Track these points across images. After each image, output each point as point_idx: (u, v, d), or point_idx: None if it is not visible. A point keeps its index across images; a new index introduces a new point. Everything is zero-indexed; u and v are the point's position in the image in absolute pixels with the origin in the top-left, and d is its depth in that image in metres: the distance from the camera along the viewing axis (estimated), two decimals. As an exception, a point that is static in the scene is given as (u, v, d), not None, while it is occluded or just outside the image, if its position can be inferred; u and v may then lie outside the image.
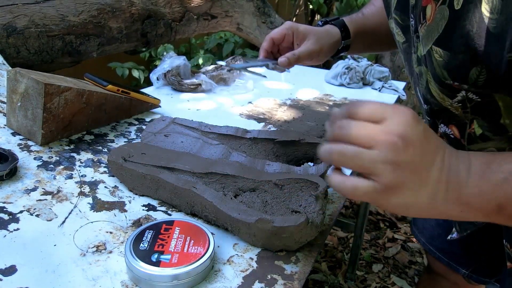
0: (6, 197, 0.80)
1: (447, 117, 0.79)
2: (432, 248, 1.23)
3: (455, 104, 0.74)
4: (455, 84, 0.69)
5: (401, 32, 0.86)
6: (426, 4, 0.70)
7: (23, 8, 1.27)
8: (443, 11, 0.66)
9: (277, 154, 0.92)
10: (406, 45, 0.85)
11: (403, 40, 0.86)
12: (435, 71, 0.71)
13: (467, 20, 0.62)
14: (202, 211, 0.78)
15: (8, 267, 0.65)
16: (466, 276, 1.17)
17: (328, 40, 1.04)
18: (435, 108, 0.80)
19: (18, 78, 0.94)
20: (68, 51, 1.38)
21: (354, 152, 0.51)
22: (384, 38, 1.12)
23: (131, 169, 0.85)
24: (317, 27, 1.07)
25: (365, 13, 1.11)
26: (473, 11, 0.61)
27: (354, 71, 1.75)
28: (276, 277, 0.68)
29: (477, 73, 0.64)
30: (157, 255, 0.64)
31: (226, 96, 1.50)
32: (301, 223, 0.69)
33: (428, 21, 0.70)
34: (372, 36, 1.12)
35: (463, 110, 0.74)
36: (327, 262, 2.24)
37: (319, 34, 1.03)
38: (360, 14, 1.11)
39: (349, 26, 1.07)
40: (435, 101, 0.78)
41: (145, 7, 1.58)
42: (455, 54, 0.66)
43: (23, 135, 0.99)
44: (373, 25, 1.10)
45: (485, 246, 1.12)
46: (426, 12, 0.70)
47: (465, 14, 0.63)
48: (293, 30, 1.02)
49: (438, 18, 0.67)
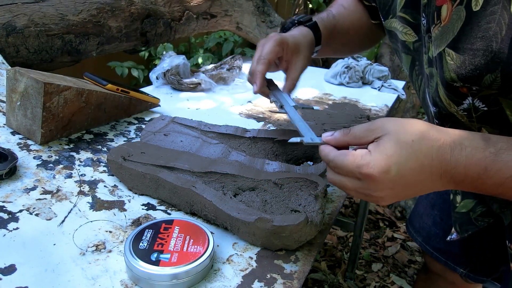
0: (6, 196, 0.80)
1: (455, 122, 0.77)
2: (429, 247, 1.23)
3: (461, 112, 0.72)
4: (463, 88, 0.67)
5: (412, 32, 0.82)
6: (442, 3, 0.67)
7: (22, 7, 1.27)
8: (459, 12, 0.64)
9: (276, 153, 0.92)
10: (418, 44, 0.82)
11: (414, 39, 0.82)
12: (444, 75, 0.68)
13: (492, 22, 0.60)
14: (202, 210, 0.78)
15: (7, 266, 0.65)
16: (464, 275, 1.16)
17: (308, 51, 0.97)
18: (443, 112, 0.78)
19: (18, 77, 0.94)
20: (68, 50, 1.38)
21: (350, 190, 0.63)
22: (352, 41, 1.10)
23: (131, 168, 0.85)
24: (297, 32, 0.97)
25: (335, 14, 1.05)
26: (501, 12, 0.59)
27: (354, 70, 1.75)
28: (276, 276, 0.68)
29: (491, 80, 0.63)
30: (156, 254, 0.64)
31: (226, 95, 1.50)
32: (300, 222, 0.69)
33: (444, 22, 0.67)
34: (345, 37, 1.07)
35: (469, 119, 0.72)
36: (326, 261, 2.24)
37: (304, 46, 0.95)
38: (331, 16, 1.04)
39: (322, 31, 1.00)
40: (443, 105, 0.76)
41: (144, 6, 1.58)
42: (471, 57, 0.63)
43: (22, 134, 0.99)
44: (343, 28, 1.05)
45: (484, 246, 1.11)
46: (442, 12, 0.67)
47: (488, 15, 0.61)
48: (284, 46, 0.91)
49: (454, 19, 0.65)
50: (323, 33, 1.00)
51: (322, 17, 1.03)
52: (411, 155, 0.58)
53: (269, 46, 0.89)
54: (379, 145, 0.59)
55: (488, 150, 0.58)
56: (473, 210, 0.95)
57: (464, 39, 0.64)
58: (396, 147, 0.58)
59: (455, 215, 0.99)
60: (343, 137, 0.64)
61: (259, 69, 0.88)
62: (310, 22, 0.99)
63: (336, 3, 1.10)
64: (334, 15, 1.04)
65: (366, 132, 0.62)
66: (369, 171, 0.57)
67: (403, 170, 0.58)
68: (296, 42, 0.93)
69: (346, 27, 1.05)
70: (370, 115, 1.39)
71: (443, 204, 1.16)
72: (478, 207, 0.94)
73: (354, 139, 0.63)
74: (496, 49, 0.60)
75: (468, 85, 0.66)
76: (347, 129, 0.65)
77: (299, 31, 0.97)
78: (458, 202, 0.96)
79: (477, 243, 1.11)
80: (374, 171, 0.57)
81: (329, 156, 0.63)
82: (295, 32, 0.97)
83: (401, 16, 0.83)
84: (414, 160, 0.58)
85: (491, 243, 1.08)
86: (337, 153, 0.63)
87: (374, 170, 0.57)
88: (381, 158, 0.57)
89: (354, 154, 0.60)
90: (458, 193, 0.97)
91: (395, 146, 0.58)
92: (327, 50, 1.05)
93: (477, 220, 0.95)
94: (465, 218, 0.97)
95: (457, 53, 0.65)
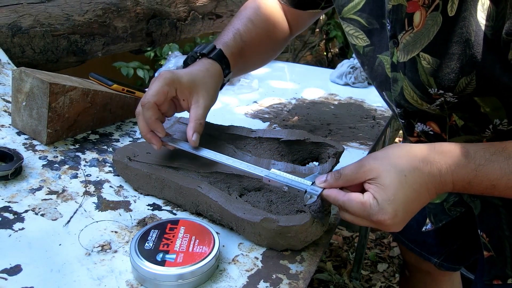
0: (11, 196, 0.81)
1: (423, 116, 0.81)
2: (404, 239, 1.26)
3: (433, 107, 0.75)
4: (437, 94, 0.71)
5: (364, 36, 0.84)
6: (413, 10, 0.69)
7: (28, 7, 1.28)
8: (435, 18, 0.66)
9: (282, 154, 0.92)
10: (369, 49, 0.84)
11: (365, 43, 0.84)
12: (420, 78, 0.71)
13: (464, 28, 0.64)
14: (207, 210, 0.78)
15: (13, 267, 0.65)
16: (438, 265, 1.20)
17: (215, 82, 0.88)
18: (409, 110, 0.81)
19: (23, 77, 0.94)
20: (73, 51, 1.38)
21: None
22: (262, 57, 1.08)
23: (136, 169, 0.85)
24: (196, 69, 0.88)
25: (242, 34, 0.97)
26: (469, 19, 0.63)
27: (359, 70, 1.74)
28: (281, 276, 0.68)
29: (466, 82, 0.66)
30: (162, 255, 0.64)
31: (231, 95, 1.50)
32: (306, 223, 0.69)
33: (417, 28, 0.69)
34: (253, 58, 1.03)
35: (441, 111, 0.76)
36: (332, 261, 2.23)
37: (204, 82, 0.85)
38: (238, 37, 0.96)
39: (229, 57, 0.92)
40: (410, 105, 0.79)
41: (150, 6, 1.58)
42: (447, 61, 0.67)
43: (28, 135, 0.99)
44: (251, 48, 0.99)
45: (457, 236, 1.15)
46: (414, 19, 0.69)
47: (461, 21, 0.64)
48: (175, 86, 0.81)
49: (429, 24, 0.67)
50: (231, 59, 0.93)
51: (227, 42, 0.95)
52: (409, 189, 0.63)
53: (156, 87, 0.79)
54: (379, 190, 0.63)
55: (469, 167, 0.64)
56: (446, 200, 1.01)
57: (440, 43, 0.67)
58: (395, 188, 0.63)
59: (429, 205, 1.05)
60: (336, 182, 0.68)
61: (146, 116, 0.79)
62: (214, 51, 0.91)
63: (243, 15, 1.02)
64: (241, 35, 0.97)
65: (356, 175, 0.67)
66: (380, 218, 0.63)
67: (407, 205, 0.64)
68: (192, 78, 0.84)
69: (256, 45, 1.00)
70: (376, 115, 1.39)
71: None
72: (451, 197, 1.00)
73: (347, 182, 0.68)
74: (470, 54, 0.64)
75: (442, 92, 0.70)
76: (337, 172, 0.69)
77: (200, 65, 0.89)
78: None
79: (451, 233, 1.15)
80: (385, 217, 0.63)
81: (338, 202, 0.67)
82: (195, 67, 0.89)
83: (354, 19, 0.84)
84: (413, 192, 0.64)
85: (464, 232, 1.12)
86: (345, 198, 0.66)
87: (384, 217, 0.63)
88: (388, 205, 0.62)
89: (363, 203, 0.64)
90: None
91: (393, 188, 0.63)
92: (238, 73, 1.03)
93: (450, 210, 1.01)
94: (439, 208, 1.03)
95: (434, 57, 0.68)
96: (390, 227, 0.65)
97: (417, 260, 1.25)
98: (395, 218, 0.63)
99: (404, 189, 0.63)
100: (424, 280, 1.33)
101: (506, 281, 0.87)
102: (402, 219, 0.64)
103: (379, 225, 0.65)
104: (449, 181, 0.65)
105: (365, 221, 0.66)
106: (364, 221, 0.66)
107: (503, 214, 0.85)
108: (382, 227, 0.66)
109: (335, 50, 4.17)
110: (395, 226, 0.65)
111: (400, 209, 0.63)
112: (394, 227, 0.65)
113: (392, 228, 0.65)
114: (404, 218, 0.65)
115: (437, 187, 0.65)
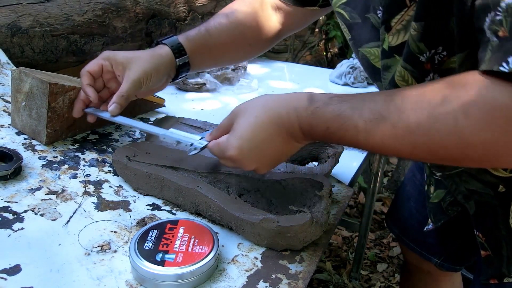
0: (11, 196, 0.81)
1: None
2: (405, 239, 1.26)
3: None
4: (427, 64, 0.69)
5: (347, 29, 0.85)
6: None
7: (27, 7, 1.28)
8: None
9: (281, 154, 0.92)
10: (352, 43, 0.85)
11: (349, 37, 0.86)
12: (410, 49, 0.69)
13: None
14: (207, 210, 0.78)
15: (12, 267, 0.65)
16: (438, 265, 1.20)
17: (155, 62, 0.95)
18: None
19: (23, 77, 0.94)
20: (73, 51, 1.38)
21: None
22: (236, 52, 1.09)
23: (136, 169, 0.85)
24: (140, 51, 0.99)
25: (209, 28, 1.02)
26: None
27: (359, 70, 1.74)
28: (281, 276, 0.68)
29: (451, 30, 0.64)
30: (161, 255, 0.64)
31: (231, 95, 1.50)
32: (305, 223, 0.69)
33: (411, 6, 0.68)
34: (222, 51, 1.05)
35: None
36: (331, 261, 2.23)
37: (140, 59, 0.93)
38: (203, 29, 1.02)
39: (185, 44, 0.98)
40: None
41: (149, 6, 1.58)
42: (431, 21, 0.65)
43: (27, 135, 0.99)
44: (219, 41, 1.02)
45: (457, 236, 1.15)
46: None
47: None
48: (111, 61, 0.93)
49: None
50: (188, 45, 0.98)
51: (189, 32, 1.01)
52: (258, 128, 0.69)
53: (94, 60, 0.95)
54: (233, 129, 0.71)
55: (309, 109, 0.67)
56: (443, 199, 1.00)
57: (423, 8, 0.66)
58: (244, 127, 0.69)
59: (429, 205, 1.04)
60: (216, 132, 0.76)
61: (83, 81, 0.93)
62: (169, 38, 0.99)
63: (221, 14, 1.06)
64: (207, 28, 1.02)
65: (227, 121, 0.74)
66: (228, 153, 0.70)
67: (255, 143, 0.69)
68: (128, 56, 0.94)
69: (222, 40, 1.03)
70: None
71: (418, 196, 1.19)
72: (448, 196, 0.99)
73: (223, 130, 0.74)
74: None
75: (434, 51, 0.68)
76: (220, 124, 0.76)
77: (147, 51, 0.98)
78: (431, 192, 1.02)
79: (451, 233, 1.15)
80: (232, 152, 0.70)
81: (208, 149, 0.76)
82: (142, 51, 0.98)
83: (340, 12, 0.84)
84: (262, 131, 0.69)
85: (463, 232, 1.12)
86: (209, 144, 0.76)
87: (231, 151, 0.70)
88: (233, 140, 0.70)
89: (218, 143, 0.73)
90: (431, 184, 1.01)
91: (242, 126, 0.69)
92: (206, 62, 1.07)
93: (447, 209, 1.00)
94: (438, 207, 1.02)
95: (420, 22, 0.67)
96: (243, 164, 0.71)
97: (418, 260, 1.25)
98: (240, 152, 0.69)
99: (252, 127, 0.69)
100: (424, 280, 1.33)
101: (502, 280, 0.87)
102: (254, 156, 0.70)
103: (232, 161, 0.71)
104: (296, 123, 0.68)
105: (224, 160, 0.74)
106: (226, 162, 0.74)
107: (500, 214, 0.85)
108: (237, 164, 0.72)
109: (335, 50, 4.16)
110: (246, 162, 0.71)
111: (245, 145, 0.69)
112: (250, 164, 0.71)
113: (248, 166, 0.71)
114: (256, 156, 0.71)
115: (288, 129, 0.69)
